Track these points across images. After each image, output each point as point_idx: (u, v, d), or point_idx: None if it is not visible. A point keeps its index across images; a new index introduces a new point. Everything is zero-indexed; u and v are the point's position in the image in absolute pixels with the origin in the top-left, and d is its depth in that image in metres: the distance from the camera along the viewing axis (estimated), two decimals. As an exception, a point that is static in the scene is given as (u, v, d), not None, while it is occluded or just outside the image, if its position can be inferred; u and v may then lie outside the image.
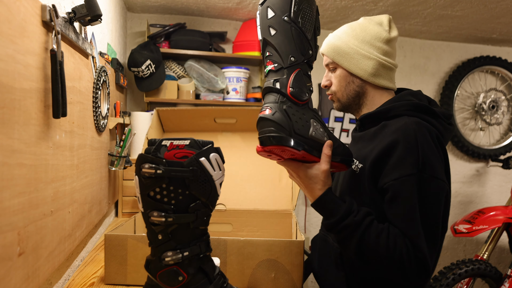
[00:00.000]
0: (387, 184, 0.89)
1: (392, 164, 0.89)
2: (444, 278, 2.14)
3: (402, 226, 0.86)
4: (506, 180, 3.11)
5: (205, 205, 0.76)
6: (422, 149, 0.88)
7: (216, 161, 0.75)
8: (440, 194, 0.89)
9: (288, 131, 0.82)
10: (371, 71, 1.02)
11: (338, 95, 1.08)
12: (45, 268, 0.87)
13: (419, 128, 0.91)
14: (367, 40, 1.02)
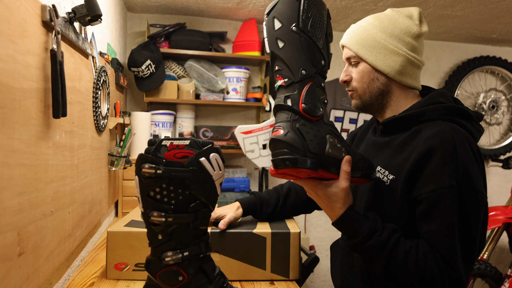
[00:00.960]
0: (422, 196, 0.82)
1: (428, 174, 0.82)
2: (444, 278, 2.14)
3: (436, 243, 0.80)
4: (506, 180, 3.11)
5: (205, 205, 0.76)
6: (462, 159, 0.81)
7: (216, 161, 0.75)
8: (479, 208, 0.82)
9: (302, 152, 0.77)
10: (398, 68, 0.94)
11: (359, 92, 0.98)
12: (45, 268, 0.87)
13: (457, 135, 0.83)
14: (395, 34, 0.93)
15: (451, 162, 0.81)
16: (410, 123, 0.92)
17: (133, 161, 1.81)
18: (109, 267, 1.06)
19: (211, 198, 0.76)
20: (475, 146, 0.86)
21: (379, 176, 0.93)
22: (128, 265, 1.06)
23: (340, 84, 2.75)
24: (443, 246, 0.79)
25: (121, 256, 1.06)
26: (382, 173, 0.92)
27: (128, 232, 1.06)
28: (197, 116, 2.60)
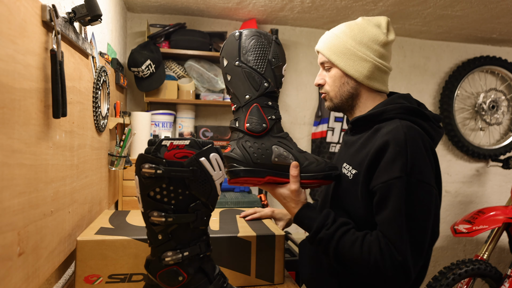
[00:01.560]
0: (376, 187, 0.89)
1: (382, 166, 0.89)
2: (444, 278, 2.14)
3: (384, 229, 0.86)
4: (506, 180, 3.11)
5: (205, 205, 0.76)
6: (412, 153, 0.87)
7: (216, 161, 0.75)
8: (428, 199, 0.87)
9: (245, 163, 0.94)
10: (366, 73, 1.02)
11: (331, 95, 1.07)
12: (45, 268, 0.87)
13: (409, 132, 0.90)
14: (364, 42, 1.02)
15: (401, 156, 0.87)
16: (372, 122, 1.00)
17: (133, 161, 1.81)
18: (78, 280, 0.95)
19: (211, 198, 0.76)
20: (428, 143, 0.92)
21: (344, 172, 1.01)
22: (100, 277, 0.96)
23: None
24: (390, 231, 0.85)
25: (92, 268, 0.96)
26: (347, 169, 1.00)
27: (101, 241, 0.97)
28: (197, 116, 2.60)
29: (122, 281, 0.97)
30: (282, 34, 2.65)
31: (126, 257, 0.98)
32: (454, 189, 3.04)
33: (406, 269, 0.83)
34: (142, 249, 0.98)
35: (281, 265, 1.08)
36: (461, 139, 2.92)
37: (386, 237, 0.85)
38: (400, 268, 0.83)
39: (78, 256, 0.96)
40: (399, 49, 2.90)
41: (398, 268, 0.83)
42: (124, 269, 0.98)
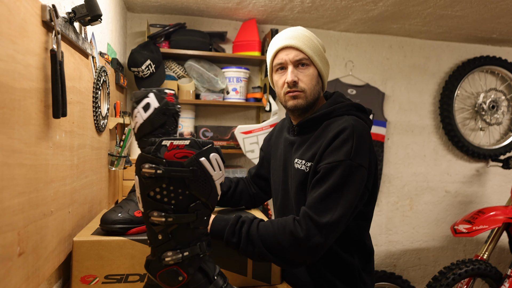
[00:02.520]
0: (320, 167, 1.00)
1: (329, 151, 1.00)
2: (444, 278, 2.14)
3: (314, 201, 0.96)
4: (506, 180, 3.11)
5: (205, 205, 0.76)
6: (356, 141, 0.99)
7: (216, 161, 0.76)
8: (360, 180, 0.99)
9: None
10: (326, 78, 1.14)
11: (307, 93, 1.10)
12: (45, 268, 0.87)
13: (356, 124, 1.02)
14: (324, 49, 1.14)
15: (347, 143, 0.99)
16: (322, 120, 1.09)
17: (133, 161, 1.81)
18: (75, 280, 0.95)
19: (211, 198, 0.76)
20: (367, 133, 1.05)
21: (297, 166, 1.09)
22: (96, 278, 0.96)
23: (339, 84, 2.76)
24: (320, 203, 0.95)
25: (89, 268, 0.96)
26: (299, 164, 1.09)
27: (97, 241, 0.97)
28: (197, 116, 2.60)
29: (119, 282, 0.97)
30: (282, 34, 2.65)
31: (123, 257, 0.98)
32: (454, 189, 3.04)
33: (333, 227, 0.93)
34: (138, 250, 0.98)
35: (278, 267, 1.08)
36: (461, 139, 2.92)
37: (312, 207, 0.95)
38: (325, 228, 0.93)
39: (75, 256, 0.96)
40: (399, 49, 2.90)
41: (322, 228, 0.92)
42: (121, 269, 0.97)
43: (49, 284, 0.95)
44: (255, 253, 0.96)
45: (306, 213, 0.95)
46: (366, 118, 1.11)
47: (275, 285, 1.08)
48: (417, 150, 2.96)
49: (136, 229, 1.02)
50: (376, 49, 2.86)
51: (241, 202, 1.35)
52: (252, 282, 1.06)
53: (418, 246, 2.99)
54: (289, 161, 1.16)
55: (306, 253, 0.93)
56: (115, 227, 0.99)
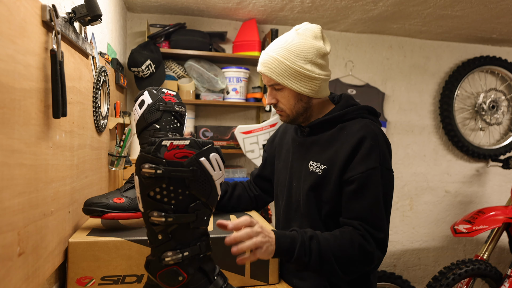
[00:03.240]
0: (354, 177, 1.01)
1: (358, 159, 1.01)
2: (444, 278, 2.14)
3: (366, 214, 0.99)
4: (506, 180, 3.11)
5: (205, 205, 0.76)
6: (381, 146, 1.03)
7: (216, 161, 0.75)
8: (391, 183, 1.06)
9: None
10: (317, 89, 1.10)
11: (288, 112, 1.14)
12: (45, 268, 0.87)
13: (376, 128, 1.06)
14: (309, 59, 1.07)
15: (375, 149, 1.02)
16: (335, 122, 1.11)
17: (133, 161, 1.81)
18: (70, 282, 0.94)
19: (211, 198, 0.76)
20: (384, 134, 1.09)
21: (312, 169, 1.10)
22: (93, 279, 0.95)
23: (339, 84, 2.76)
24: (373, 215, 0.99)
25: (85, 270, 0.95)
26: (314, 166, 1.10)
27: (94, 242, 0.96)
28: (197, 116, 2.60)
29: (115, 283, 0.97)
30: (282, 34, 2.65)
31: (119, 258, 0.97)
32: (454, 189, 3.04)
33: (386, 242, 1.00)
34: (135, 250, 0.98)
35: (275, 265, 1.08)
36: (461, 139, 2.93)
37: (368, 221, 0.99)
38: (382, 243, 0.99)
39: (70, 257, 0.95)
40: (399, 49, 2.90)
41: (381, 243, 0.99)
42: (117, 270, 0.97)
43: (49, 284, 0.95)
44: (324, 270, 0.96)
45: (366, 228, 0.99)
46: (377, 121, 1.14)
47: (273, 284, 1.08)
48: (417, 150, 2.96)
49: (111, 214, 1.04)
50: (376, 49, 2.86)
51: (240, 207, 1.35)
52: (250, 282, 1.06)
53: (418, 246, 2.99)
54: (299, 163, 1.16)
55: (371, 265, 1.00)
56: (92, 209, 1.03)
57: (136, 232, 1.05)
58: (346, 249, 0.96)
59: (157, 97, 1.12)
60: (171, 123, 1.14)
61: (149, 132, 1.13)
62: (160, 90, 1.14)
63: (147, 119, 1.12)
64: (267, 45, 2.51)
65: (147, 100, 1.12)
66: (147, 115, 1.12)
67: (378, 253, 0.99)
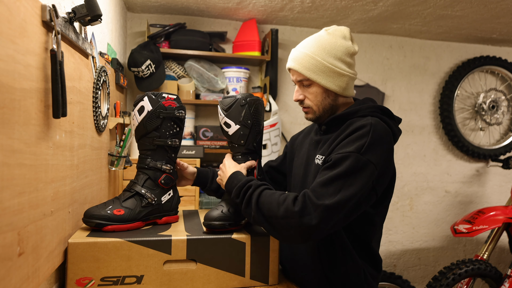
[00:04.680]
0: (331, 157, 1.01)
1: (342, 144, 1.02)
2: (444, 278, 2.14)
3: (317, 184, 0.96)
4: (506, 180, 3.11)
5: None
6: (371, 139, 0.99)
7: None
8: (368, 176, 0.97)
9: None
10: (345, 86, 1.12)
11: (314, 109, 1.15)
12: (45, 268, 0.87)
13: (376, 124, 1.02)
14: (339, 56, 1.10)
15: (362, 138, 0.99)
16: (346, 119, 1.11)
17: (133, 161, 1.81)
18: (70, 283, 0.94)
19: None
20: (388, 137, 1.04)
21: (317, 162, 1.12)
22: (92, 280, 0.95)
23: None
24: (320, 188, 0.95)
25: (84, 271, 0.95)
26: (319, 159, 1.11)
27: (93, 243, 0.95)
28: (197, 116, 2.60)
29: (115, 284, 0.97)
30: (282, 34, 2.65)
31: (119, 259, 0.97)
32: (454, 189, 3.04)
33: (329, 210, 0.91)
34: (134, 251, 0.98)
35: (275, 266, 1.08)
36: (461, 139, 2.92)
37: (313, 190, 0.95)
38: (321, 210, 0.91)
39: (70, 258, 0.95)
40: (399, 49, 2.90)
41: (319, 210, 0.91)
42: (117, 271, 0.97)
43: (49, 284, 0.95)
44: (252, 217, 1.00)
45: (306, 193, 0.96)
46: (392, 123, 1.10)
47: (273, 285, 1.08)
48: (417, 150, 2.96)
49: (112, 226, 1.04)
50: (376, 49, 2.86)
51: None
52: (250, 283, 1.06)
53: (418, 246, 2.99)
54: (312, 158, 1.18)
55: (298, 230, 0.92)
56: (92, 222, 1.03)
57: (136, 233, 1.05)
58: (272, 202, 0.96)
59: (157, 104, 1.11)
60: (171, 129, 1.15)
61: (148, 139, 1.13)
62: (160, 96, 1.13)
63: (147, 127, 1.12)
64: (267, 45, 2.52)
65: (147, 107, 1.11)
66: (146, 122, 1.12)
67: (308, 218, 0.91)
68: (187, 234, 1.04)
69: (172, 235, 1.02)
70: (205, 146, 2.41)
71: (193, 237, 1.03)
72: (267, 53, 2.48)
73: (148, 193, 1.11)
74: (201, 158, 2.24)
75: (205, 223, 1.06)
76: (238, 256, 1.05)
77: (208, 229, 1.07)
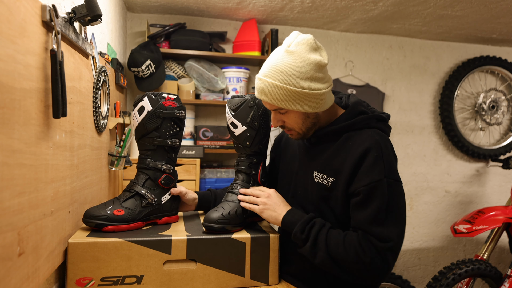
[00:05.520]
0: (359, 189, 0.99)
1: (363, 171, 1.00)
2: (444, 278, 2.14)
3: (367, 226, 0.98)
4: (506, 180, 3.11)
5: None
6: (386, 157, 1.01)
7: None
8: (401, 194, 1.03)
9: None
10: (322, 104, 1.05)
11: (297, 131, 1.10)
12: (45, 268, 0.87)
13: (381, 138, 1.04)
14: (309, 76, 0.99)
15: (379, 160, 1.00)
16: (342, 132, 1.09)
17: (133, 161, 1.81)
18: (70, 283, 0.94)
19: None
20: (390, 144, 1.07)
21: (318, 180, 1.09)
22: (92, 280, 0.95)
23: (339, 84, 2.76)
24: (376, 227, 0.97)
25: (84, 271, 0.95)
26: (320, 177, 1.09)
27: (93, 243, 0.95)
28: (197, 116, 2.60)
29: (115, 284, 0.97)
30: (282, 34, 2.65)
31: (119, 259, 0.97)
32: (454, 189, 3.04)
33: (394, 251, 0.97)
34: (134, 251, 0.98)
35: (275, 266, 1.08)
36: (461, 139, 2.92)
37: (371, 232, 0.97)
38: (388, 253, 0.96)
39: (70, 258, 0.95)
40: (399, 49, 2.90)
41: (386, 254, 0.96)
42: (117, 271, 0.97)
43: (48, 284, 0.95)
44: (318, 256, 0.99)
45: (367, 238, 0.97)
46: (385, 126, 1.12)
47: (273, 285, 1.08)
48: (417, 150, 2.96)
49: (112, 227, 1.04)
50: (376, 49, 2.86)
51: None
52: (250, 283, 1.06)
53: (418, 246, 2.99)
54: (304, 171, 1.15)
55: (371, 276, 0.98)
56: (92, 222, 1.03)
57: (136, 233, 1.05)
58: (341, 246, 0.98)
59: (157, 104, 1.11)
60: (171, 129, 1.15)
61: (148, 139, 1.13)
62: (160, 96, 1.13)
63: (147, 127, 1.12)
64: (267, 45, 2.53)
65: (147, 107, 1.11)
66: (147, 122, 1.11)
67: (380, 265, 0.96)
68: (187, 234, 1.04)
69: (172, 235, 1.02)
70: (205, 146, 2.41)
71: (193, 237, 1.03)
72: (267, 53, 2.48)
73: (148, 193, 1.11)
74: (201, 158, 2.24)
75: (205, 224, 1.06)
76: (238, 256, 1.05)
77: (207, 230, 1.07)
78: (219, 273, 1.03)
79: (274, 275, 1.08)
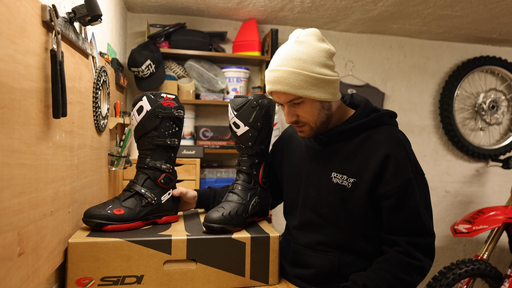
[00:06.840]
0: (391, 191, 1.00)
1: (391, 172, 1.00)
2: (444, 278, 2.14)
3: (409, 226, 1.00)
4: (506, 180, 3.11)
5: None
6: (410, 154, 1.03)
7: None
8: (427, 187, 1.07)
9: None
10: (335, 91, 1.05)
11: (312, 125, 1.07)
12: (45, 268, 0.87)
13: (402, 136, 1.05)
14: (322, 62, 1.01)
15: (406, 159, 1.01)
16: (357, 131, 1.07)
17: (133, 161, 1.81)
18: (70, 283, 0.94)
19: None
20: (407, 140, 1.08)
21: (337, 181, 1.07)
22: (92, 280, 0.95)
23: (340, 84, 2.76)
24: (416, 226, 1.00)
25: (84, 270, 0.95)
26: (340, 178, 1.07)
27: (93, 243, 0.95)
28: (197, 116, 2.60)
29: (115, 284, 0.96)
30: (282, 34, 2.65)
31: (119, 259, 0.97)
32: (454, 189, 3.04)
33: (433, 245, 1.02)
34: (135, 251, 0.98)
35: (275, 266, 1.08)
36: (461, 139, 2.92)
37: (412, 232, 1.00)
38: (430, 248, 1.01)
39: (70, 258, 0.95)
40: (399, 49, 2.90)
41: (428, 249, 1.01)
42: (117, 271, 0.97)
43: (49, 284, 0.95)
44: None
45: (411, 242, 1.00)
46: (396, 123, 1.14)
47: (273, 285, 1.08)
48: (417, 150, 2.96)
49: (112, 226, 1.04)
50: (376, 49, 2.86)
51: None
52: (250, 283, 1.06)
53: (418, 246, 2.99)
54: (318, 173, 1.11)
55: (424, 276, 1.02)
56: (92, 221, 1.03)
57: (136, 233, 1.05)
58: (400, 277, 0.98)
59: (156, 103, 1.11)
60: (170, 129, 1.15)
61: (148, 139, 1.14)
62: (158, 95, 1.13)
63: (146, 126, 1.12)
64: (267, 45, 2.53)
65: (146, 107, 1.11)
66: (145, 122, 1.12)
67: (427, 261, 1.01)
68: (187, 234, 1.04)
69: (172, 235, 1.02)
70: (205, 146, 2.41)
71: (193, 237, 1.03)
72: (267, 53, 2.48)
73: (147, 192, 1.12)
74: (201, 158, 2.24)
75: (205, 224, 1.06)
76: (238, 256, 1.05)
77: (207, 230, 1.07)
78: (219, 273, 1.03)
79: (274, 275, 1.08)
